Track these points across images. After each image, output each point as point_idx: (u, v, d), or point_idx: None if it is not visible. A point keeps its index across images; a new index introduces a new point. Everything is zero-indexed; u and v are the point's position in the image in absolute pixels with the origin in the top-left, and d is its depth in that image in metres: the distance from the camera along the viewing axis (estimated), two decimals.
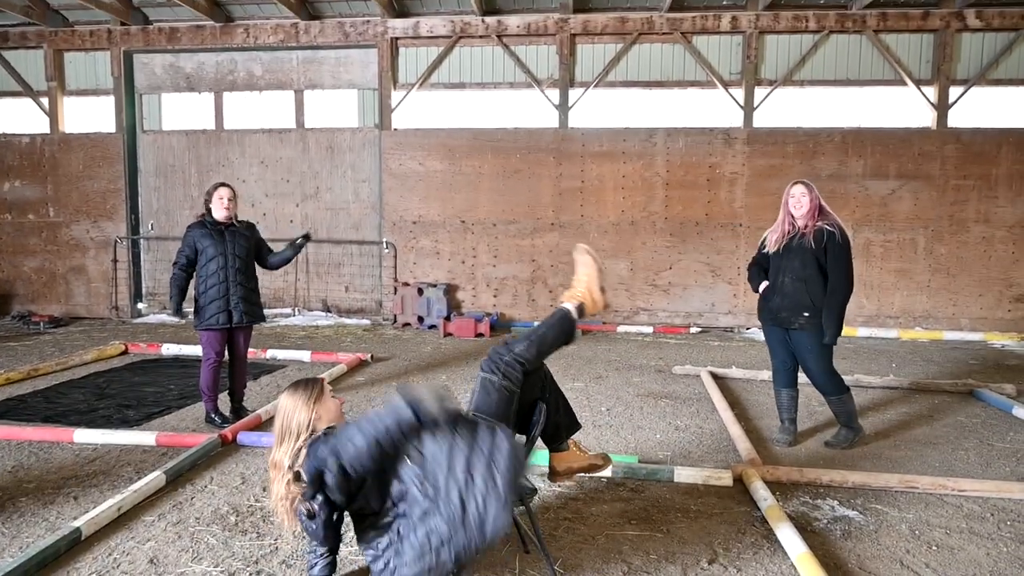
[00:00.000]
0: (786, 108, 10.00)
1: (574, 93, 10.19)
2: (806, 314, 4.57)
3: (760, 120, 9.97)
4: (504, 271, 10.40)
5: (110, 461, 4.35)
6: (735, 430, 4.92)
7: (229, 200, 5.08)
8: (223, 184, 5.19)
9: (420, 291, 10.15)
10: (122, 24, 10.47)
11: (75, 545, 3.19)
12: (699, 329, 9.89)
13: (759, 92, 9.93)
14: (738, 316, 10.13)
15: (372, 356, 7.49)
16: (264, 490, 3.90)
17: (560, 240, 10.25)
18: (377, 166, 10.51)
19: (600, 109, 10.27)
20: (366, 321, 10.46)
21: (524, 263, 10.37)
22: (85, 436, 4.66)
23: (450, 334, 9.32)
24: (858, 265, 7.75)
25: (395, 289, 10.36)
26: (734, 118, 10.06)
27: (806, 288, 4.56)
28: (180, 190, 10.92)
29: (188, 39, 10.51)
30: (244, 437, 4.64)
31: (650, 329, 9.84)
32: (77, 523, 3.28)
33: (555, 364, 7.15)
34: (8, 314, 10.72)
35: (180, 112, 11.00)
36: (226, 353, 5.22)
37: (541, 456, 3.57)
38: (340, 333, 9.51)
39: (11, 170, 10.85)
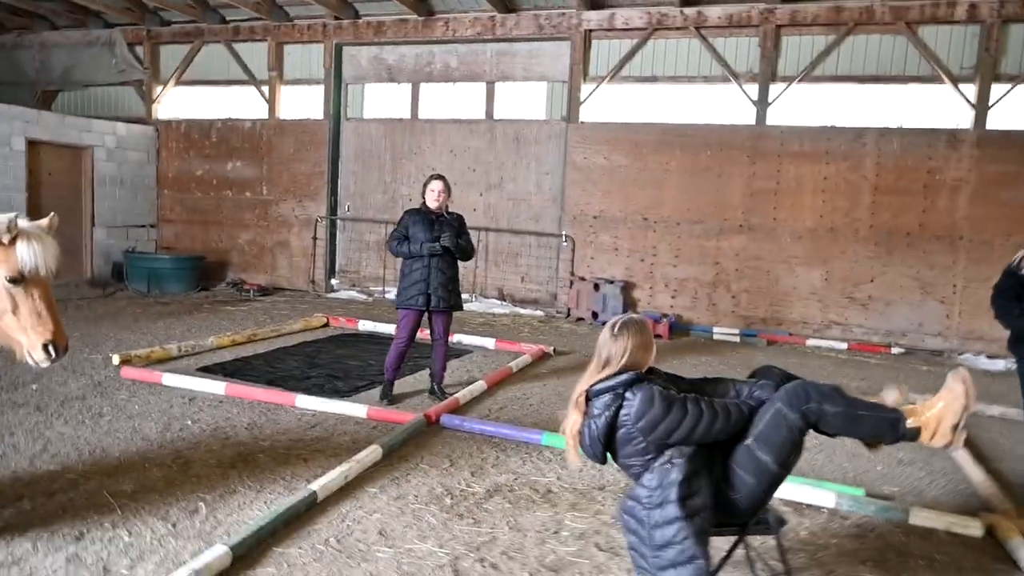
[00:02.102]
0: None
1: (774, 88, 9.57)
2: None
3: (995, 121, 8.82)
4: (684, 272, 10.04)
5: (328, 428, 4.65)
6: (974, 472, 4.36)
7: (440, 192, 5.31)
8: (436, 177, 5.42)
9: (596, 286, 10.05)
10: (335, 18, 11.24)
11: (312, 507, 3.41)
12: (902, 350, 8.97)
13: (996, 89, 8.78)
14: (950, 339, 9.08)
15: (555, 349, 7.49)
16: (473, 474, 3.98)
17: (748, 243, 9.71)
18: (561, 159, 10.52)
19: (802, 106, 9.57)
20: (540, 312, 10.54)
21: (707, 265, 9.94)
22: (305, 402, 5.02)
23: None
24: None
25: (571, 283, 10.35)
26: (962, 118, 8.98)
27: None
28: (375, 175, 11.59)
29: (392, 32, 11.08)
30: (447, 420, 4.77)
31: (844, 345, 9.06)
32: (313, 487, 3.50)
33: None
34: (224, 281, 11.95)
35: (380, 101, 11.65)
36: (415, 337, 5.45)
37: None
38: (517, 323, 9.65)
39: (234, 151, 12.06)
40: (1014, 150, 8.70)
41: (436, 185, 5.32)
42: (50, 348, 2.77)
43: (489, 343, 7.71)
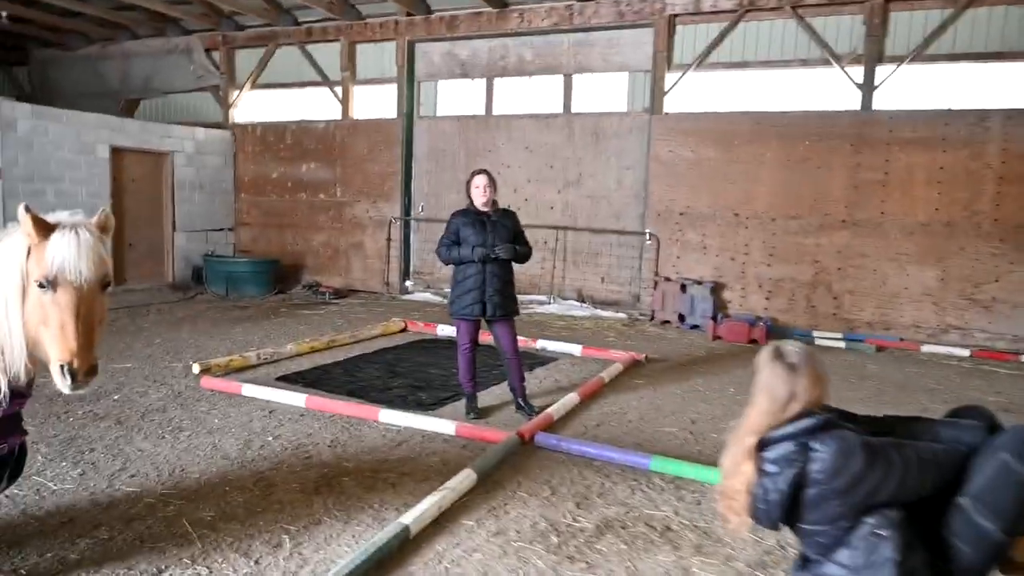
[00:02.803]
0: None
1: (881, 71, 8.75)
2: None
3: None
4: (780, 272, 9.33)
5: (414, 447, 4.30)
6: None
7: (486, 187, 4.88)
8: (480, 172, 5.01)
9: (683, 287, 9.45)
10: (408, 15, 11.00)
11: (404, 543, 3.05)
12: None
13: None
14: None
15: (647, 357, 6.97)
16: (578, 505, 3.54)
17: (851, 240, 8.92)
18: (644, 152, 9.96)
19: (914, 88, 8.72)
20: (622, 315, 10.01)
21: (805, 264, 9.20)
22: (389, 416, 4.70)
23: (719, 337, 8.52)
24: None
25: (655, 284, 9.77)
26: None
27: None
28: (449, 174, 11.30)
29: (466, 26, 10.76)
30: (542, 439, 4.35)
31: (966, 352, 8.19)
32: (405, 519, 3.14)
33: (863, 390, 6.11)
34: (299, 283, 11.91)
35: (453, 98, 11.35)
36: (479, 341, 5.09)
37: None
38: (600, 326, 9.15)
39: (308, 153, 12.00)
40: None
41: (480, 180, 4.89)
42: (65, 370, 2.25)
43: (575, 349, 7.26)
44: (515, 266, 5.09)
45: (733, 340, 8.41)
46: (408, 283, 11.66)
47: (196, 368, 5.71)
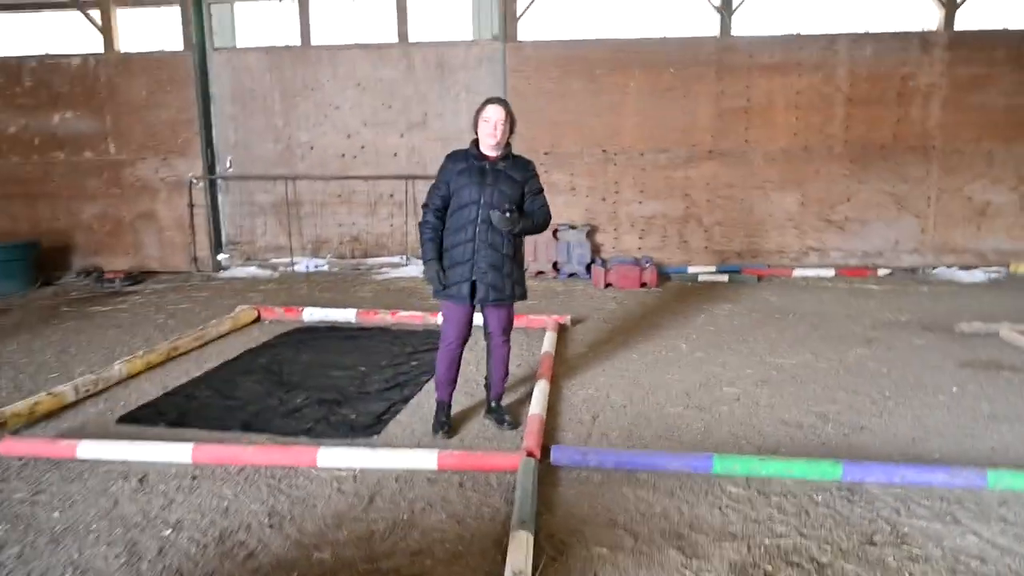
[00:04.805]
0: (998, 4, 8.38)
1: None
2: None
3: (963, 21, 8.37)
4: (652, 208, 8.94)
5: (394, 501, 3.01)
6: None
7: (498, 124, 3.48)
8: (492, 100, 3.57)
9: (555, 233, 8.70)
10: None
11: None
12: (888, 271, 8.54)
13: None
14: (925, 254, 8.78)
15: (571, 319, 6.10)
16: (682, 551, 2.58)
17: (719, 170, 8.76)
18: (499, 87, 8.86)
19: (769, 11, 8.61)
20: None
21: (676, 199, 8.90)
22: (332, 457, 3.31)
23: (610, 284, 7.93)
24: None
25: None
26: (930, 19, 8.45)
27: None
28: (261, 119, 9.27)
29: None
30: (560, 454, 3.30)
31: (831, 272, 8.48)
32: None
33: (799, 327, 5.82)
34: (72, 270, 9.23)
35: (256, 25, 9.24)
36: (470, 334, 3.82)
37: None
38: None
39: (60, 98, 9.14)
40: (983, 52, 8.32)
41: (492, 112, 3.49)
42: None
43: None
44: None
45: (625, 286, 7.87)
46: (222, 256, 9.55)
47: None
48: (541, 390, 4.10)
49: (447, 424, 3.72)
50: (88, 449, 3.42)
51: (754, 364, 4.92)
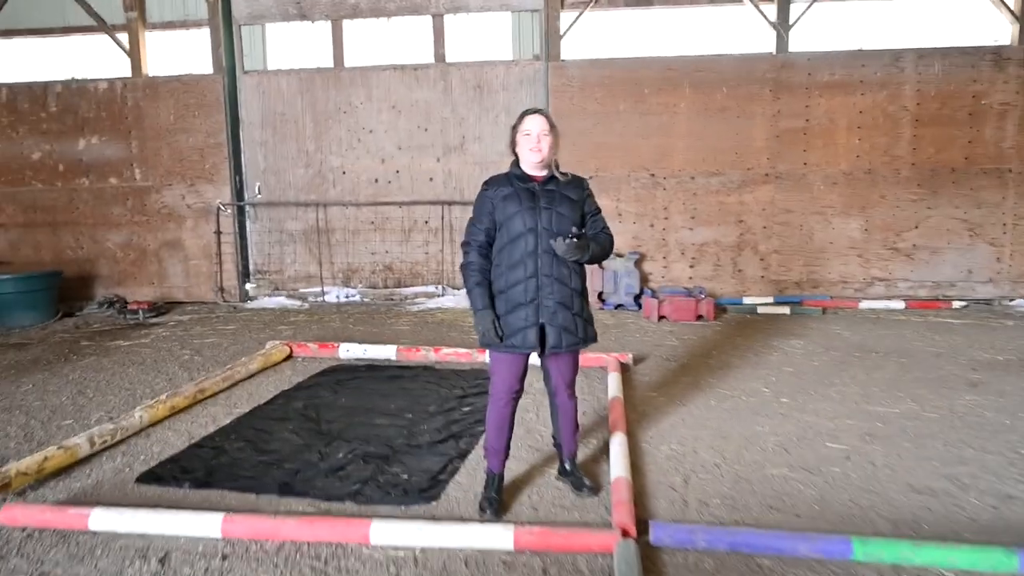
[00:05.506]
0: None
1: (796, 7, 8.04)
2: None
3: None
4: (703, 235, 8.40)
5: None
6: None
7: (541, 136, 2.96)
8: (532, 112, 3.06)
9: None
10: None
11: None
12: (964, 303, 7.90)
13: None
14: (1001, 285, 8.13)
15: (632, 357, 5.54)
16: None
17: (776, 195, 8.22)
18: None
19: (830, 26, 8.13)
20: None
21: (729, 225, 8.35)
22: (386, 534, 2.77)
23: (663, 317, 7.37)
24: None
25: None
26: (1002, 33, 7.91)
27: None
28: (292, 143, 8.91)
29: None
30: (663, 533, 2.73)
31: (900, 304, 7.85)
32: None
33: (886, 368, 5.21)
34: (95, 300, 8.86)
35: (288, 46, 8.93)
36: (524, 388, 3.27)
37: None
38: None
39: (87, 123, 8.86)
40: None
41: (533, 124, 2.98)
42: None
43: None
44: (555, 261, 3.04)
45: (680, 319, 7.30)
46: (249, 286, 9.14)
47: None
48: (620, 445, 3.54)
49: (497, 501, 3.11)
50: (102, 519, 2.91)
51: (852, 413, 4.32)
